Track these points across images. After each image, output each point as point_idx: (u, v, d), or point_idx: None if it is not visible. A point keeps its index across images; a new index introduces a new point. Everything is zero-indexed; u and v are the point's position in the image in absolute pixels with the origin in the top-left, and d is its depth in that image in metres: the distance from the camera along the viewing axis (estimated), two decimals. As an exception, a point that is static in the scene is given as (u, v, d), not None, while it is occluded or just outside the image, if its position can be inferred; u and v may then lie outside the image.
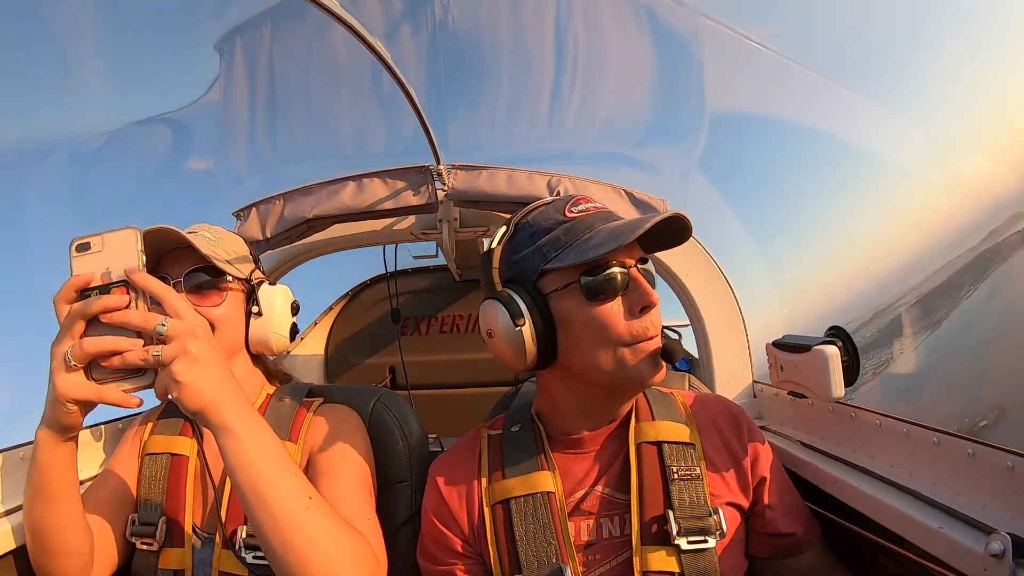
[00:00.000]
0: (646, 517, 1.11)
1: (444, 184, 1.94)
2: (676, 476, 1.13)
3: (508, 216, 1.31)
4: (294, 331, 1.48)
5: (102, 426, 1.58)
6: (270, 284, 1.46)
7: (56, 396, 0.90)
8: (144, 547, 1.27)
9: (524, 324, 1.09)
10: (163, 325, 0.88)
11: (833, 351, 1.39)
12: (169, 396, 0.89)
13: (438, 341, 3.42)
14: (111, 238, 0.91)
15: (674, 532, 1.08)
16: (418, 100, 1.71)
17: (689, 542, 1.08)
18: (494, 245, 1.21)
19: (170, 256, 1.31)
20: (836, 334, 1.46)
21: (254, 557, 1.19)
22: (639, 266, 1.11)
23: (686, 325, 2.10)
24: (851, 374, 1.40)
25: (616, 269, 1.08)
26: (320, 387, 1.53)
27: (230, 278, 1.35)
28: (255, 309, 1.39)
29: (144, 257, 0.91)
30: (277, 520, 0.93)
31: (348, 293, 3.47)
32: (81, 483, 1.33)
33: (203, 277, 1.31)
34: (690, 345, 2.53)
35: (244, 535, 1.21)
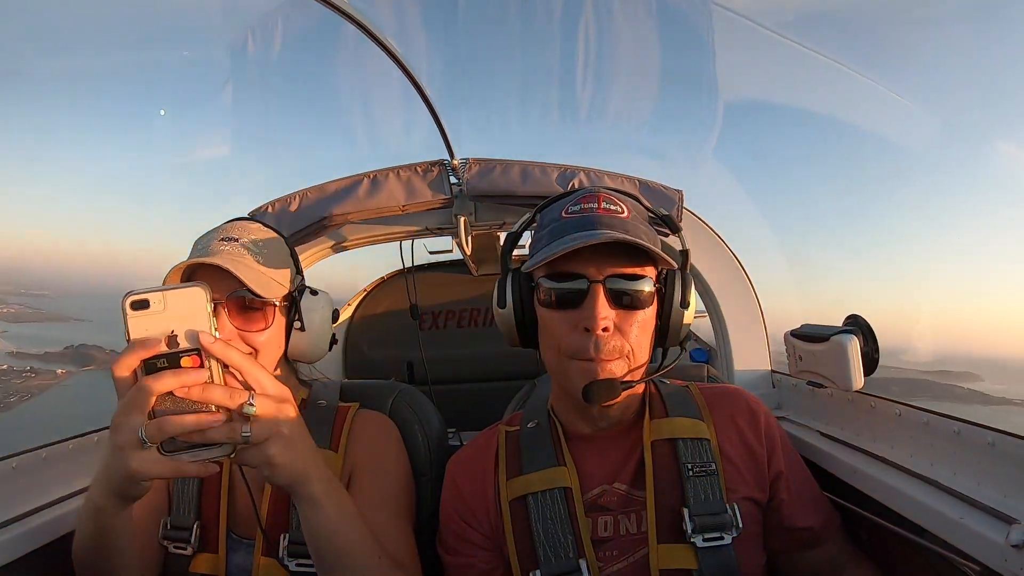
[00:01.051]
0: (662, 514, 1.12)
1: (459, 179, 1.94)
2: (691, 473, 1.13)
3: (523, 210, 1.32)
4: (333, 341, 1.43)
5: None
6: (312, 292, 1.38)
7: (130, 475, 0.81)
8: (177, 551, 1.27)
9: (505, 309, 1.17)
10: (251, 405, 0.83)
11: (852, 341, 1.38)
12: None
13: (455, 335, 3.43)
14: (174, 297, 0.81)
15: (689, 530, 1.08)
16: (430, 96, 1.72)
17: (705, 539, 1.08)
18: (515, 228, 1.28)
19: (206, 273, 1.18)
20: (855, 323, 1.46)
21: (297, 564, 1.19)
22: (610, 284, 1.08)
23: (703, 315, 2.10)
24: (870, 364, 1.40)
25: (569, 284, 1.09)
26: (346, 384, 1.54)
27: (276, 303, 1.27)
28: (297, 324, 1.32)
29: (215, 320, 0.83)
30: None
31: (366, 288, 3.50)
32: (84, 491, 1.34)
33: (248, 298, 1.22)
34: (707, 335, 2.52)
35: (287, 542, 1.21)
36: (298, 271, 1.40)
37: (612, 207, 1.14)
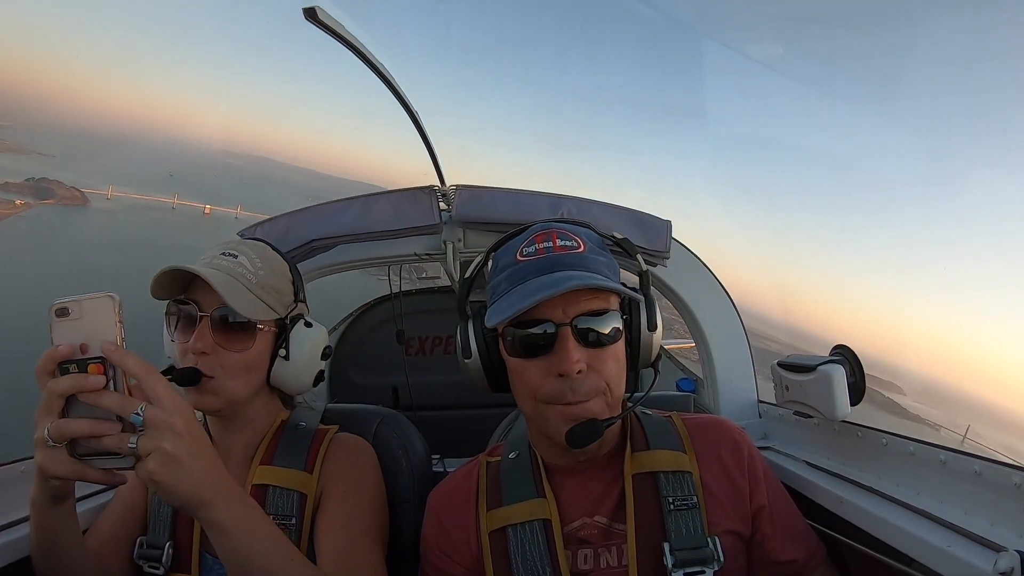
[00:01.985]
0: (643, 548, 1.10)
1: (448, 205, 1.95)
2: (672, 506, 1.12)
3: None
4: (319, 378, 1.39)
5: None
6: (306, 324, 1.36)
7: (39, 470, 0.87)
8: (151, 570, 1.26)
9: (472, 359, 1.18)
10: (139, 415, 0.83)
11: (839, 371, 1.39)
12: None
13: (442, 362, 3.41)
14: (88, 306, 0.84)
15: (670, 564, 1.07)
16: (422, 122, 1.74)
17: (687, 573, 1.07)
18: (469, 273, 1.26)
19: (203, 281, 1.18)
20: (842, 354, 1.46)
21: None
22: (578, 324, 1.06)
23: (691, 346, 2.10)
24: (856, 394, 1.40)
25: (534, 330, 1.07)
26: (330, 409, 1.52)
27: (261, 325, 1.26)
28: (283, 352, 1.30)
29: (123, 328, 0.85)
30: None
31: (352, 313, 3.48)
32: (84, 498, 1.33)
33: (233, 315, 1.22)
34: (695, 365, 2.52)
35: None
36: (297, 299, 1.38)
37: (567, 243, 1.13)
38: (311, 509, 1.25)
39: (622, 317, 1.12)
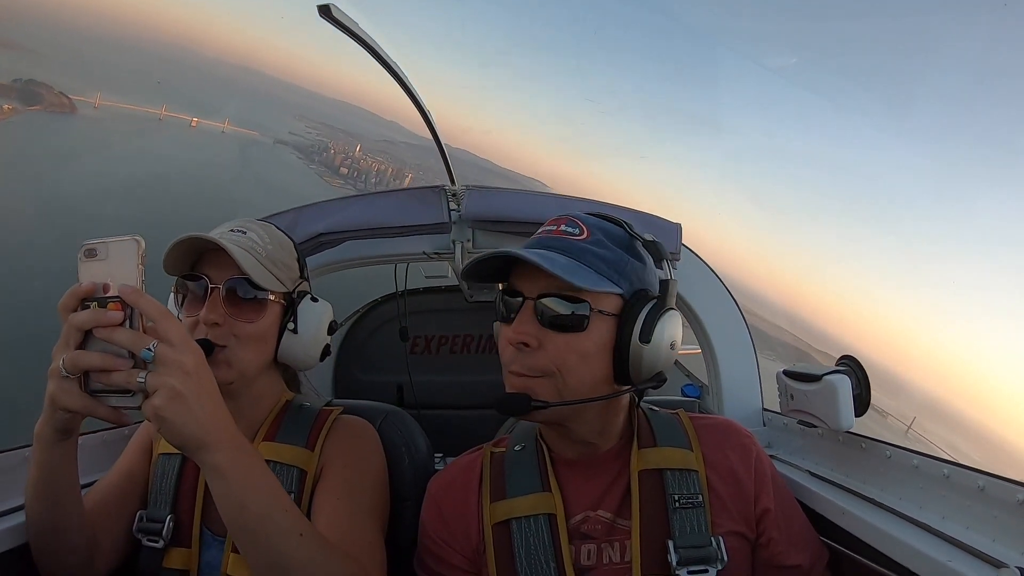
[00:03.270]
0: (647, 545, 1.10)
1: (458, 205, 1.96)
2: (678, 504, 1.12)
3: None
4: (326, 352, 1.42)
5: (103, 432, 1.56)
6: (312, 299, 1.39)
7: (49, 399, 0.89)
8: (150, 544, 1.27)
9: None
10: (150, 351, 0.84)
11: (844, 381, 1.38)
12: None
13: (448, 361, 3.42)
14: (114, 247, 0.88)
15: (674, 562, 1.07)
16: (435, 122, 1.74)
17: (690, 572, 1.07)
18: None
19: (213, 256, 1.23)
20: (848, 364, 1.46)
21: None
22: (539, 301, 1.07)
23: (697, 352, 2.09)
24: (862, 405, 1.39)
25: (507, 298, 1.12)
26: (333, 403, 1.53)
27: (272, 295, 1.28)
28: (291, 326, 1.32)
29: (143, 270, 0.88)
30: (267, 559, 0.95)
31: (359, 310, 3.49)
32: (85, 487, 1.34)
33: (244, 287, 1.24)
34: (700, 371, 2.52)
35: None
36: (303, 277, 1.40)
37: (570, 229, 1.13)
38: (310, 485, 1.26)
39: (613, 316, 1.08)
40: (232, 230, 1.30)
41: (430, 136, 2.07)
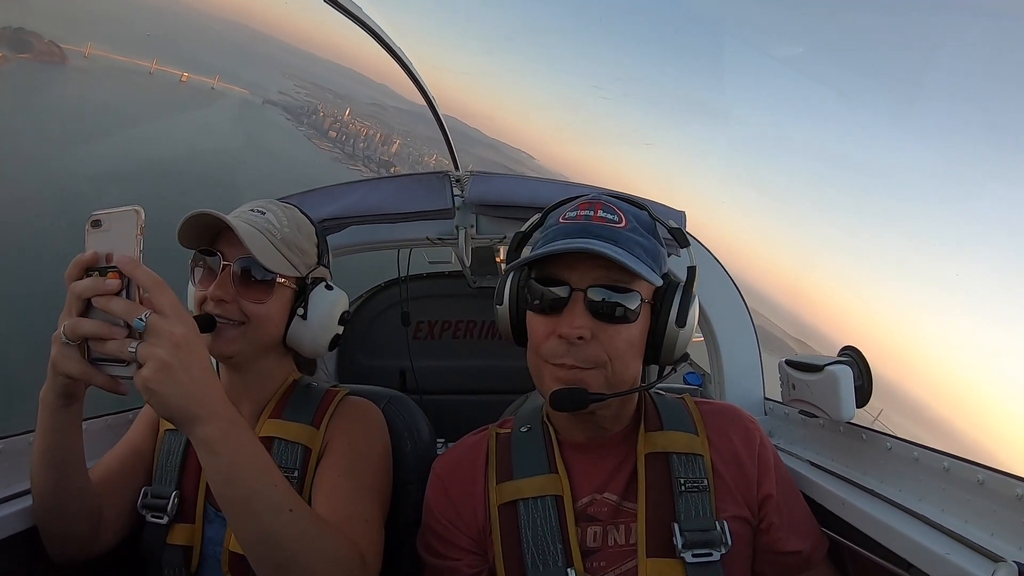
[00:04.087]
0: (652, 528, 1.11)
1: (462, 190, 1.95)
2: (683, 488, 1.13)
3: (525, 223, 1.32)
4: (335, 341, 1.40)
5: (109, 417, 1.57)
6: (327, 287, 1.37)
7: (51, 364, 0.91)
8: (154, 519, 1.28)
9: (502, 306, 1.21)
10: (142, 320, 0.85)
11: (846, 372, 1.38)
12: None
13: (450, 346, 3.43)
14: (116, 217, 0.90)
15: (679, 545, 1.08)
16: (439, 107, 1.73)
17: (694, 555, 1.08)
18: (523, 229, 1.30)
19: (230, 234, 1.22)
20: (850, 355, 1.45)
21: None
22: (591, 293, 1.08)
23: (700, 340, 2.09)
24: (863, 396, 1.39)
25: (553, 288, 1.10)
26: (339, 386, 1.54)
27: (281, 279, 1.28)
28: (301, 311, 1.32)
29: (141, 241, 0.89)
30: (256, 533, 0.96)
31: (362, 295, 3.49)
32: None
33: (255, 268, 1.24)
34: (703, 360, 2.51)
35: None
36: (321, 263, 1.40)
37: (609, 215, 1.13)
38: (314, 463, 1.27)
39: (649, 303, 1.12)
40: (252, 210, 1.31)
41: (422, 102, 2.06)
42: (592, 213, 1.13)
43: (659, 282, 1.11)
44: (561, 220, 1.15)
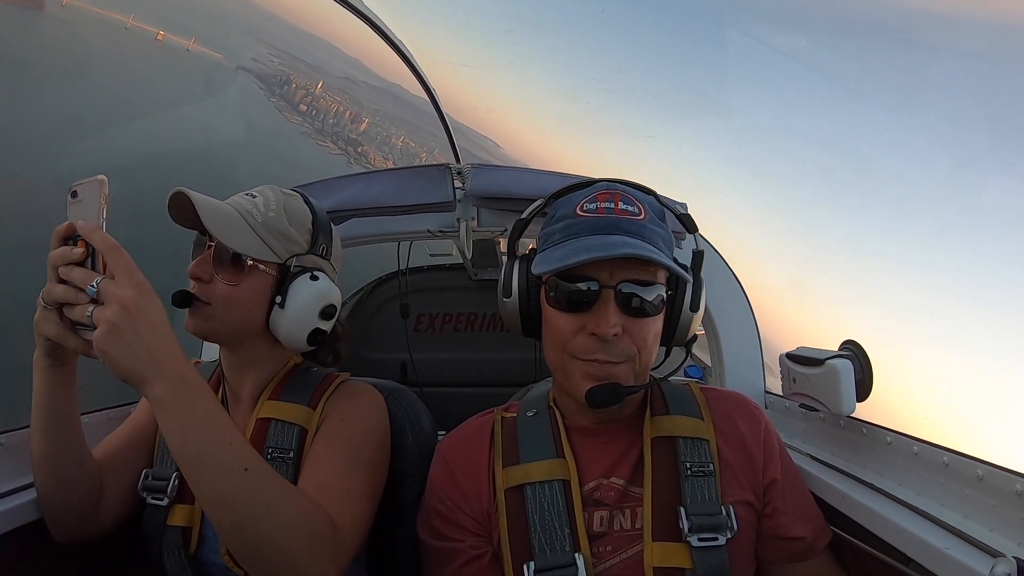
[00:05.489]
0: (659, 512, 1.11)
1: (463, 183, 1.95)
2: (689, 472, 1.13)
3: None
4: (315, 336, 1.32)
5: (109, 411, 1.57)
6: (312, 277, 1.30)
7: (34, 326, 0.97)
8: (154, 502, 1.28)
9: (510, 299, 1.20)
10: (93, 287, 0.89)
11: (846, 366, 1.38)
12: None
13: (451, 339, 3.43)
14: (85, 187, 0.94)
15: (685, 529, 1.08)
16: (440, 100, 1.72)
17: (700, 539, 1.08)
18: (524, 215, 1.29)
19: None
20: (851, 349, 1.45)
21: None
22: (622, 289, 1.07)
23: (700, 333, 2.09)
24: (864, 390, 1.39)
25: (581, 285, 1.08)
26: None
27: (253, 261, 1.24)
28: (278, 300, 1.27)
29: (106, 210, 0.93)
30: (211, 494, 0.96)
31: (363, 288, 3.50)
32: None
33: (226, 249, 1.23)
34: (703, 353, 2.51)
35: None
36: (313, 252, 1.34)
37: (629, 207, 1.13)
38: (310, 443, 1.26)
39: (667, 292, 1.14)
40: (247, 193, 1.31)
41: (394, 80, 2.05)
42: (613, 206, 1.12)
43: (688, 277, 1.12)
44: (579, 212, 1.13)
